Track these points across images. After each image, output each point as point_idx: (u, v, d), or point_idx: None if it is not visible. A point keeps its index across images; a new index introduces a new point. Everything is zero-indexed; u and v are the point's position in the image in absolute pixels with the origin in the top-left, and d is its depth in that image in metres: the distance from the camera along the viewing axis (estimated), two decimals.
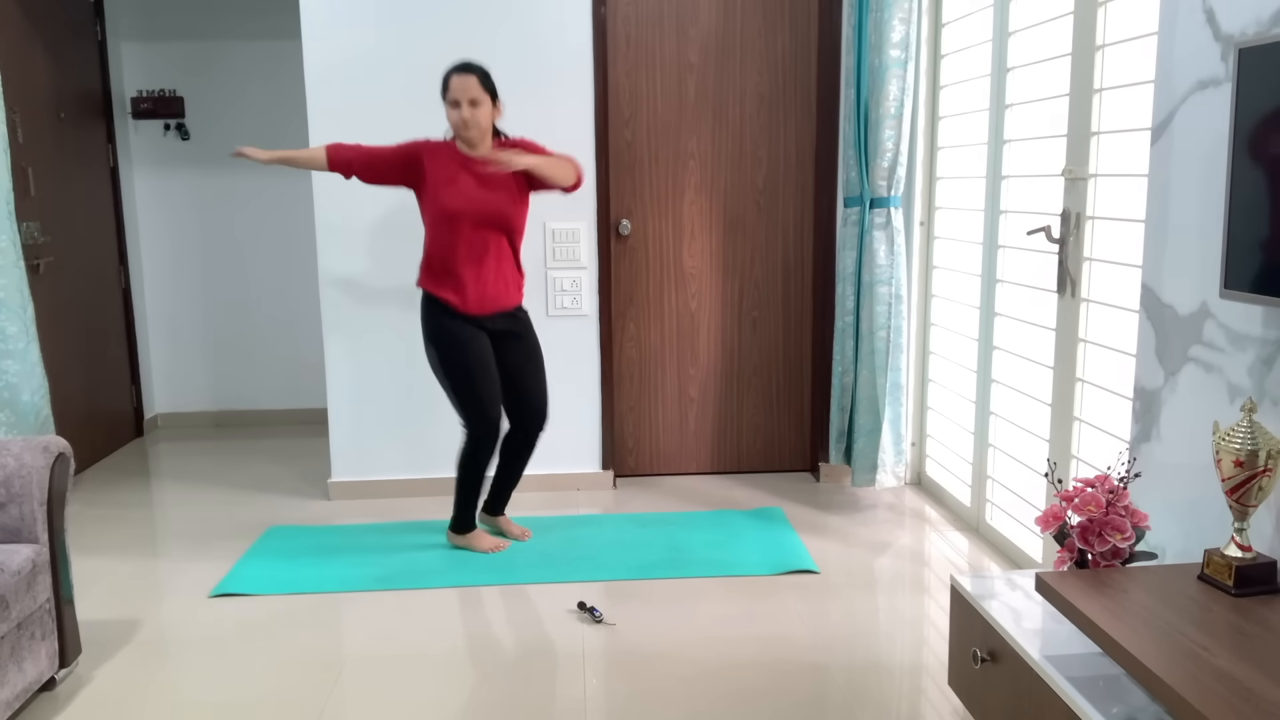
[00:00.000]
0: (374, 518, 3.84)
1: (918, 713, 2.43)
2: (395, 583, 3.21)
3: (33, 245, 4.14)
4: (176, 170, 5.17)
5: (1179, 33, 2.23)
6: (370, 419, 4.06)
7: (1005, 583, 2.30)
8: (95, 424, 4.74)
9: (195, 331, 5.31)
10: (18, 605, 2.35)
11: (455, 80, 3.19)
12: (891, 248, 3.76)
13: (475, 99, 3.18)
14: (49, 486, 2.50)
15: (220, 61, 5.10)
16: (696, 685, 2.56)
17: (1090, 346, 2.80)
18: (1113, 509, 2.10)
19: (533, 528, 3.66)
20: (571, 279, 4.04)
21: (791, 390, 4.31)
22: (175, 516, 3.94)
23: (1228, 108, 2.05)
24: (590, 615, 2.94)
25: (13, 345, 3.54)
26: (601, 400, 4.13)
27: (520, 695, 2.53)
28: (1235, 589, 1.86)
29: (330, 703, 2.51)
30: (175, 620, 2.99)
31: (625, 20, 4.02)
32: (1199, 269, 2.19)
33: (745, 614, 2.96)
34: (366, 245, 3.94)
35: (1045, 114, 3.01)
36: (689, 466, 4.34)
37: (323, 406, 5.17)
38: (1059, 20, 2.87)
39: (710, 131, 4.11)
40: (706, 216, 4.16)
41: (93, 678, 2.64)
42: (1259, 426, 1.84)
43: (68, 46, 4.58)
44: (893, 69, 3.61)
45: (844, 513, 3.83)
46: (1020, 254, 3.19)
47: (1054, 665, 1.90)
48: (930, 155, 3.87)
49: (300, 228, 5.21)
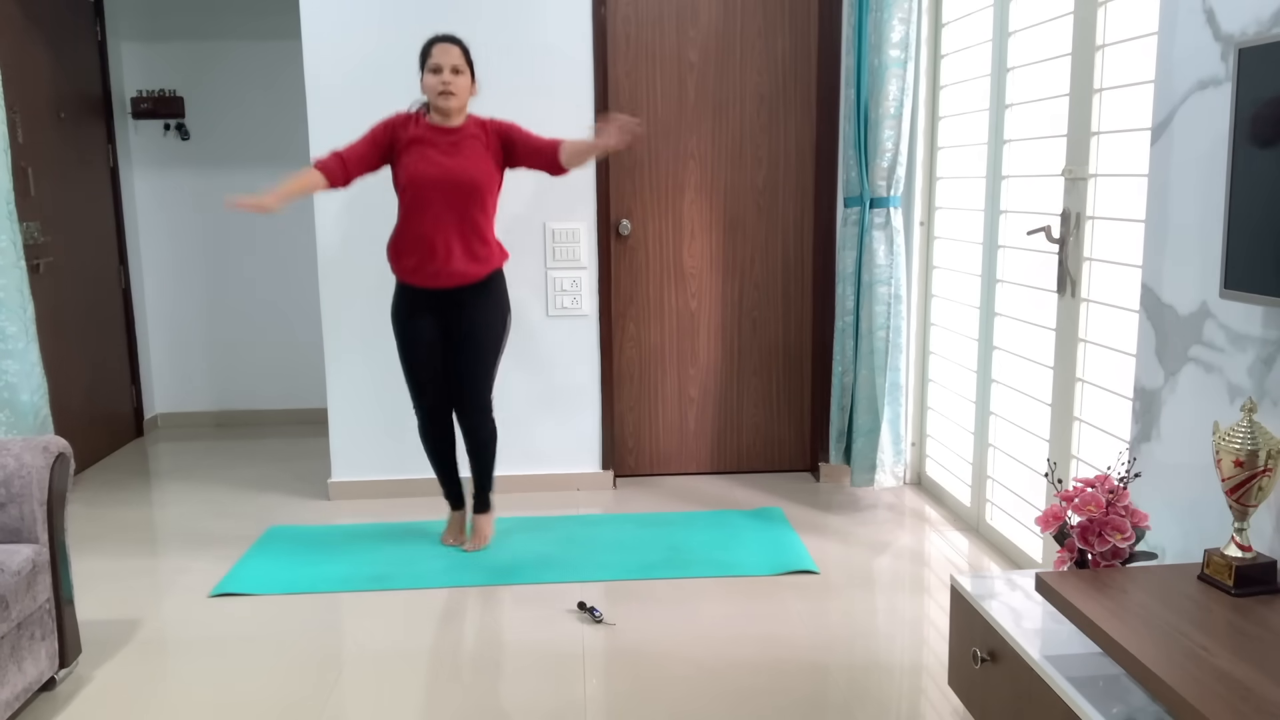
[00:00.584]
0: (374, 518, 3.84)
1: (918, 713, 2.43)
2: (395, 583, 3.21)
3: (33, 245, 4.14)
4: (176, 170, 5.17)
5: (1179, 33, 2.23)
6: (370, 419, 4.06)
7: (1005, 583, 2.30)
8: (95, 424, 4.74)
9: (195, 331, 5.31)
10: (18, 605, 2.35)
11: (438, 47, 3.19)
12: (891, 248, 3.76)
13: (458, 67, 3.19)
14: (49, 486, 2.50)
15: (220, 61, 5.10)
16: (696, 685, 2.56)
17: (1090, 346, 2.80)
18: (1113, 509, 2.10)
19: (533, 528, 3.67)
20: (571, 279, 4.04)
21: (791, 390, 4.31)
22: (175, 516, 3.94)
23: (1228, 108, 2.05)
24: (590, 615, 2.94)
25: (12, 345, 3.55)
26: (601, 400, 4.13)
27: (520, 695, 2.53)
28: (1235, 589, 1.86)
29: (330, 703, 2.51)
30: (175, 620, 2.99)
31: (625, 20, 4.02)
32: (1199, 269, 2.19)
33: (745, 614, 2.96)
34: (366, 245, 3.94)
35: (1045, 114, 3.01)
36: (689, 466, 4.34)
37: (323, 406, 5.17)
38: (1059, 20, 2.87)
39: (710, 131, 4.11)
40: (706, 216, 4.16)
41: (93, 678, 2.64)
42: (1259, 426, 1.84)
43: (68, 46, 4.58)
44: (892, 69, 3.61)
45: (844, 513, 3.83)
46: (1020, 254, 3.19)
47: (1054, 665, 1.90)
48: (930, 155, 3.87)
49: (300, 228, 5.21)
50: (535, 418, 4.10)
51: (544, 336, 4.06)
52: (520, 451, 4.11)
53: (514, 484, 4.09)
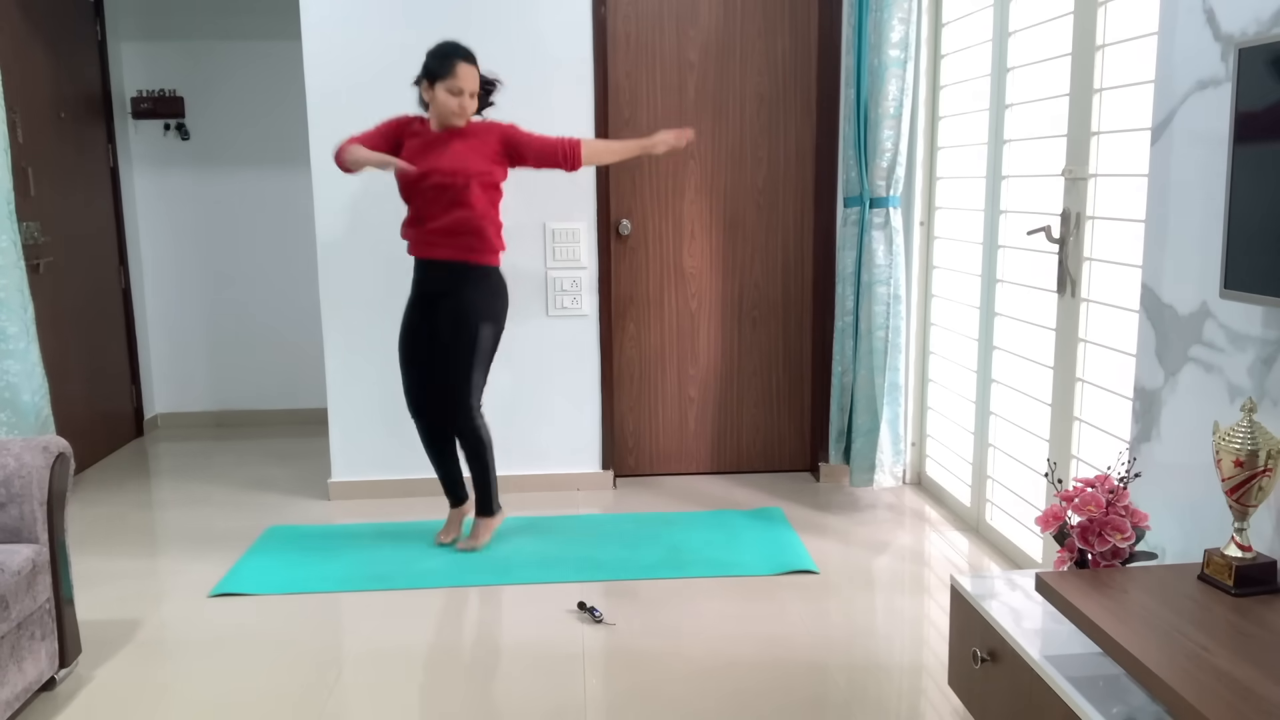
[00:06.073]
0: (374, 518, 3.84)
1: (918, 713, 2.43)
2: (395, 583, 3.21)
3: (33, 245, 4.14)
4: (176, 170, 5.17)
5: (1179, 33, 2.23)
6: (370, 419, 4.06)
7: (1005, 583, 2.30)
8: (95, 424, 4.73)
9: (195, 331, 5.31)
10: (18, 605, 2.35)
11: (463, 68, 3.23)
12: (890, 248, 3.76)
13: (474, 91, 3.28)
14: (49, 486, 2.50)
15: (220, 61, 5.10)
16: (696, 685, 2.56)
17: (1090, 346, 2.80)
18: (1113, 509, 2.10)
19: (533, 528, 3.67)
20: (571, 279, 4.04)
21: (791, 390, 4.31)
22: (175, 516, 3.94)
23: (1228, 108, 2.05)
24: (590, 615, 2.94)
25: (13, 345, 3.54)
26: (601, 400, 4.13)
27: (520, 695, 2.53)
28: (1235, 589, 1.86)
29: (330, 702, 2.51)
30: (175, 620, 2.99)
31: (625, 20, 4.02)
32: (1199, 269, 2.19)
33: (745, 614, 2.96)
34: (367, 245, 3.94)
35: (1045, 114, 3.01)
36: (689, 466, 4.34)
37: (323, 406, 5.16)
38: (1059, 20, 2.87)
39: (710, 131, 4.11)
40: (706, 216, 4.16)
41: (93, 678, 2.64)
42: (1259, 426, 1.84)
43: (68, 46, 4.58)
44: (892, 69, 3.61)
45: (844, 513, 3.83)
46: (1020, 254, 3.19)
47: (1054, 665, 1.90)
48: (930, 155, 3.87)
49: (300, 228, 5.20)
50: (535, 418, 4.10)
51: (544, 336, 4.06)
52: (520, 451, 4.11)
53: (514, 484, 4.09)
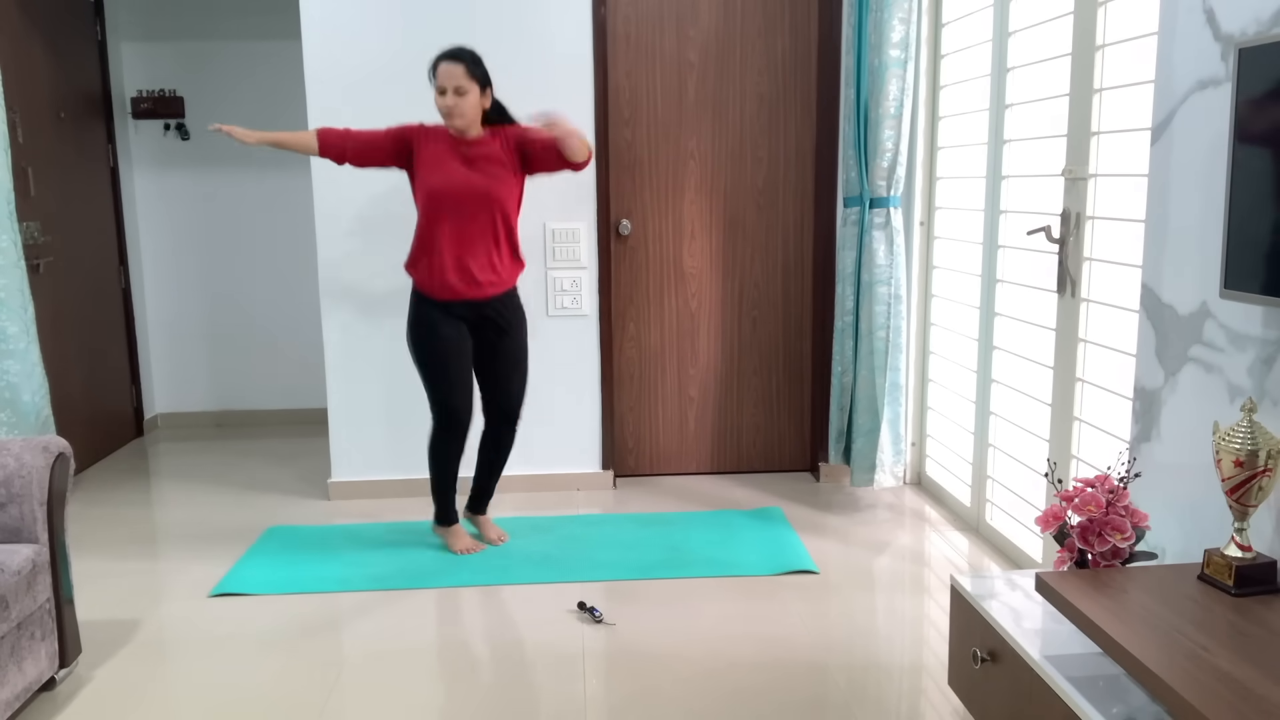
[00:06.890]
0: (374, 518, 3.84)
1: (918, 713, 2.43)
2: (394, 583, 3.21)
3: (33, 245, 4.14)
4: (176, 170, 5.17)
5: (1179, 33, 2.23)
6: (370, 419, 4.06)
7: (1005, 583, 2.30)
8: (95, 424, 4.74)
9: (195, 331, 5.31)
10: (18, 605, 2.35)
11: (442, 67, 3.19)
12: (890, 248, 3.76)
13: (460, 87, 3.17)
14: (49, 486, 2.50)
15: (220, 61, 5.10)
16: (696, 685, 2.56)
17: (1090, 346, 2.80)
18: (1113, 509, 2.10)
19: (533, 528, 3.66)
20: (571, 279, 4.04)
21: (791, 390, 4.31)
22: (175, 516, 3.94)
23: (1228, 108, 2.05)
24: (590, 615, 2.94)
25: (13, 345, 3.54)
26: (601, 400, 4.13)
27: (520, 695, 2.53)
28: (1235, 589, 1.86)
29: (330, 703, 2.51)
30: (175, 620, 2.99)
31: (625, 20, 4.02)
32: (1199, 269, 2.19)
33: (745, 614, 2.96)
34: (367, 245, 3.94)
35: (1045, 114, 3.01)
36: (689, 466, 4.34)
37: (323, 406, 5.16)
38: (1059, 20, 2.87)
39: (710, 131, 4.11)
40: (706, 216, 4.16)
41: (93, 678, 2.64)
42: (1259, 426, 1.84)
43: (68, 46, 4.58)
44: (892, 69, 3.61)
45: (844, 513, 3.83)
46: (1020, 254, 3.19)
47: (1054, 665, 1.90)
48: (930, 155, 3.87)
49: (300, 228, 5.21)
50: (535, 418, 4.10)
51: (544, 336, 4.05)
52: (520, 451, 4.10)
53: (514, 484, 4.09)
